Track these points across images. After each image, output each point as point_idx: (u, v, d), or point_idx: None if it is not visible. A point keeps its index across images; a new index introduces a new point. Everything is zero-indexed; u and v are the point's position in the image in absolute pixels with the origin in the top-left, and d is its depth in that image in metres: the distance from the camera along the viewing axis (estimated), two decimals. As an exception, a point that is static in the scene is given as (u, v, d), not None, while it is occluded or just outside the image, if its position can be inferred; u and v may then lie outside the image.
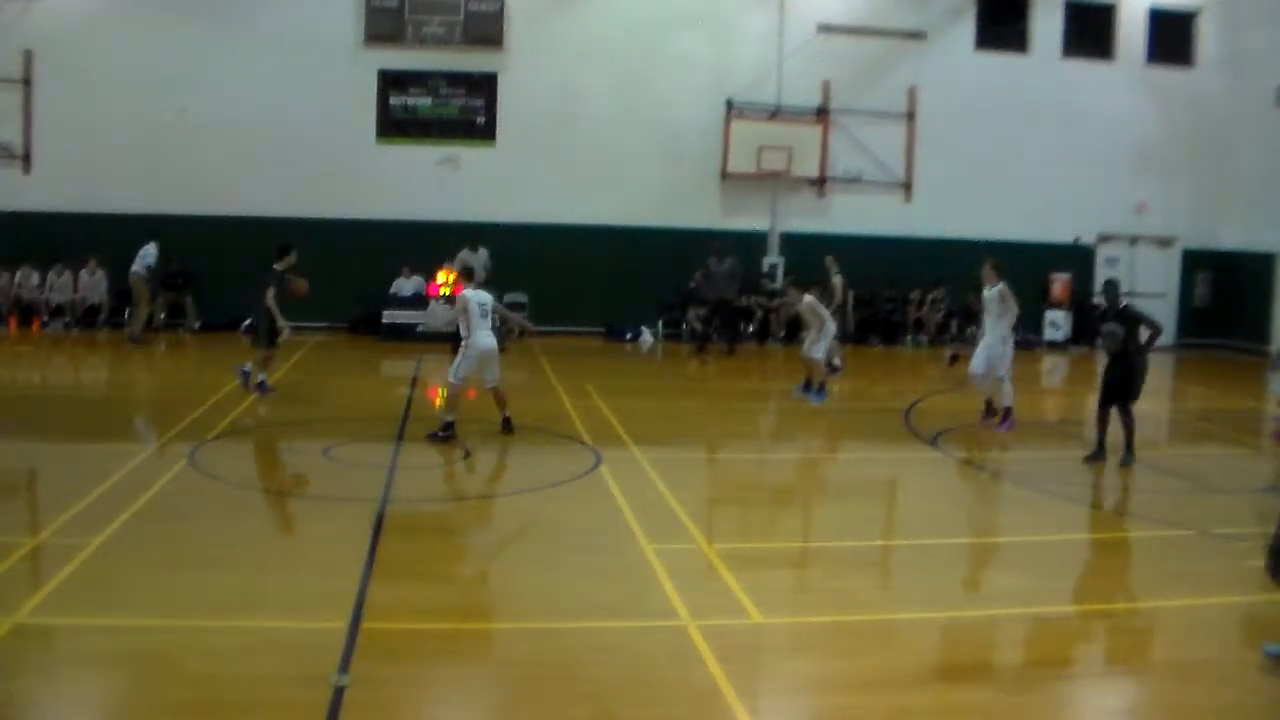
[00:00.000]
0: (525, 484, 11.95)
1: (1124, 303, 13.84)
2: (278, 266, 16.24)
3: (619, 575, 8.88)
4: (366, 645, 7.11)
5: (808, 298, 17.73)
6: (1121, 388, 13.43)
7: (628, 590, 8.48)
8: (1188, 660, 7.59)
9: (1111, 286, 13.85)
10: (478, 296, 13.87)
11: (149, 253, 21.94)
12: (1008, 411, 15.47)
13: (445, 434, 13.54)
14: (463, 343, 13.84)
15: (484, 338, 13.74)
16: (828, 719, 6.67)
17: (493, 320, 14.10)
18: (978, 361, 15.54)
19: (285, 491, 11.51)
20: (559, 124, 24.46)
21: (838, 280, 22.04)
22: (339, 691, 6.39)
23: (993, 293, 15.39)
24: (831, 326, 17.63)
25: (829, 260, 22.31)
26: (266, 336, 16.17)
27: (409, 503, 11.07)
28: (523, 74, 24.45)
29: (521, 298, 23.88)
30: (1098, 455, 13.53)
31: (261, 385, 16.34)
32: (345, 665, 6.75)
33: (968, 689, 7.13)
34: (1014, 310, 15.40)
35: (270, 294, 16.01)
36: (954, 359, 18.07)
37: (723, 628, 7.70)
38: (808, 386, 17.67)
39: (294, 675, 6.67)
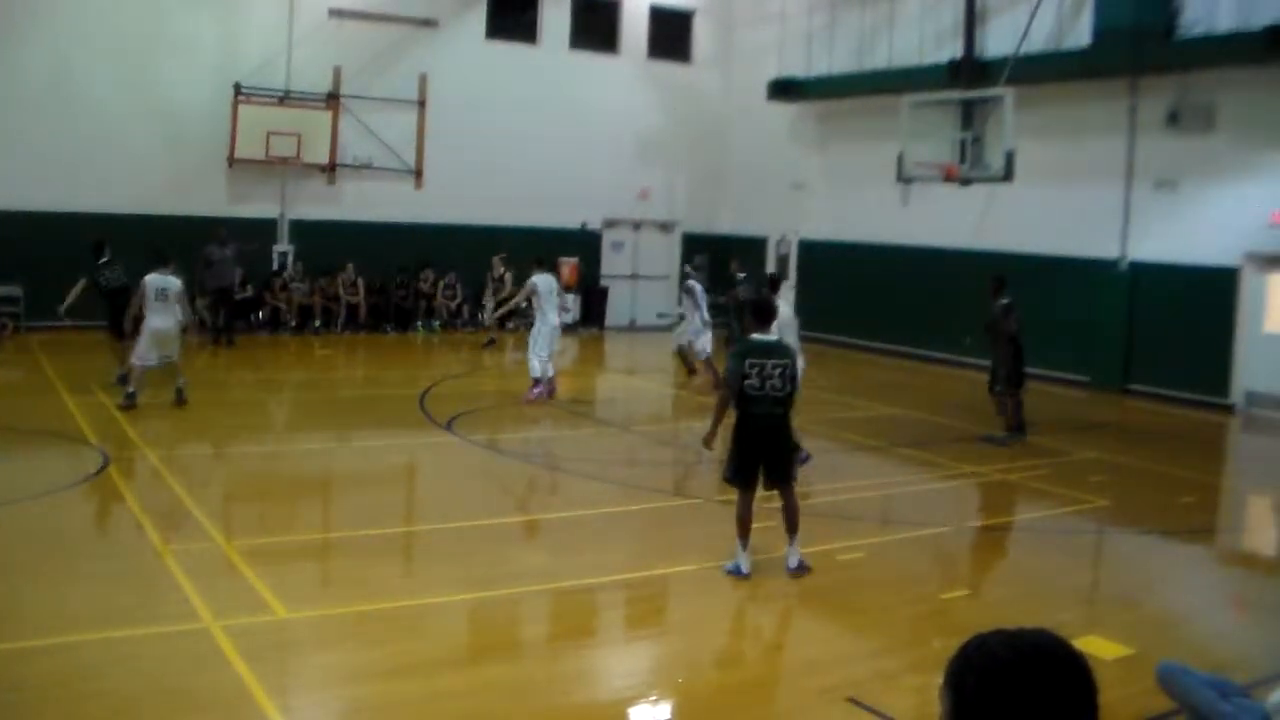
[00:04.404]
0: (24, 491, 10.98)
1: None
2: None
3: (134, 581, 8.55)
4: None
5: None
6: None
7: (145, 596, 8.18)
8: (699, 617, 8.28)
9: None
10: (155, 282, 15.08)
11: None
12: (536, 382, 17.18)
13: (128, 403, 14.79)
14: (141, 325, 15.03)
15: (155, 320, 14.96)
16: (362, 709, 6.77)
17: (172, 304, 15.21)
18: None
19: None
20: (51, 104, 22.39)
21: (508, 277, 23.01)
22: None
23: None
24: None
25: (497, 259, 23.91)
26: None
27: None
28: (10, 50, 22.36)
29: (17, 291, 22.05)
30: None
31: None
32: None
33: (498, 666, 7.48)
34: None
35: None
36: (490, 343, 20.31)
37: (247, 626, 7.63)
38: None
39: None
